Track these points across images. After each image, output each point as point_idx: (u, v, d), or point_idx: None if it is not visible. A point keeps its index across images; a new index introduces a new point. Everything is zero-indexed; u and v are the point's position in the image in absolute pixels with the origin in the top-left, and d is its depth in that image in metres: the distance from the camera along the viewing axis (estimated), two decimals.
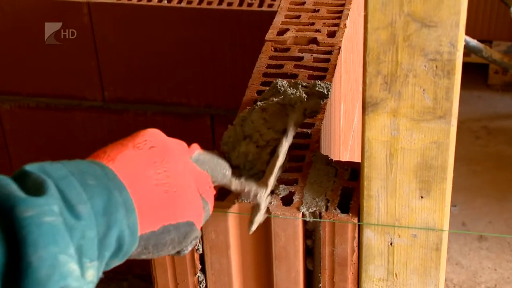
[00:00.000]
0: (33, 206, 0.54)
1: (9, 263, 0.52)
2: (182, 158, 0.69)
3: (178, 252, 0.69)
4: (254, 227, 0.79)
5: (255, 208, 0.79)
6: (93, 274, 0.58)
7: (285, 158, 0.85)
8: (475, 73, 3.02)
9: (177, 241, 0.66)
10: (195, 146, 0.74)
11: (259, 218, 0.79)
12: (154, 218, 0.63)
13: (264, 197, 0.79)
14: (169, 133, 0.71)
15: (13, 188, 0.55)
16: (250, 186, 0.78)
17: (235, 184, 0.77)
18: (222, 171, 0.75)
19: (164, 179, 0.65)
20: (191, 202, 0.67)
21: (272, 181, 0.80)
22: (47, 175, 0.57)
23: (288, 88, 0.97)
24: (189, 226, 0.67)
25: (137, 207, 0.61)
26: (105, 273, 0.61)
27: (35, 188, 0.56)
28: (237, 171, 0.81)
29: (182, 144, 0.72)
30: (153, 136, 0.68)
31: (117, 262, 0.61)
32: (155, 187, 0.64)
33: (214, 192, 0.73)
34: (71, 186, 0.57)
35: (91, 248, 0.57)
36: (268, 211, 0.80)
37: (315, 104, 0.89)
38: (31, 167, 0.58)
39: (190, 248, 0.70)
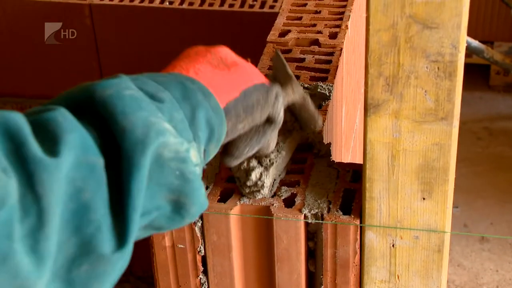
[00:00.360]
0: (111, 85, 0.54)
1: (104, 142, 0.51)
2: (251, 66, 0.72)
3: (271, 121, 0.71)
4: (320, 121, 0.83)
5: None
6: (195, 154, 0.57)
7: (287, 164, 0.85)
8: (476, 74, 3.03)
9: (262, 100, 0.69)
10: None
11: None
12: (231, 87, 0.66)
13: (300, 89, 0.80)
14: None
15: (89, 82, 0.56)
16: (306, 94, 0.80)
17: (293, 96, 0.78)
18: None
19: (229, 70, 0.68)
20: (259, 74, 0.71)
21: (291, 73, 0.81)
22: (118, 77, 0.57)
23: None
24: (265, 86, 0.70)
25: (213, 86, 0.63)
26: None
27: (111, 76, 0.57)
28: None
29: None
30: (222, 50, 0.70)
31: (214, 148, 0.62)
32: (222, 69, 0.67)
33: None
34: (145, 81, 0.58)
35: (184, 129, 0.57)
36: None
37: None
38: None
39: (281, 113, 0.72)
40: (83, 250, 0.49)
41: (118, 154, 0.51)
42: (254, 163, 0.80)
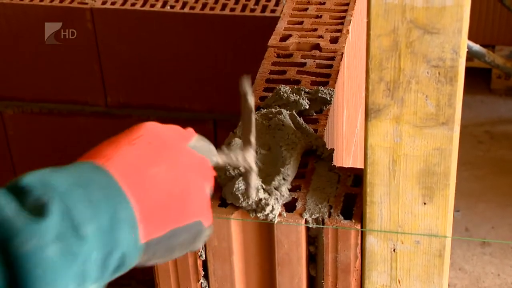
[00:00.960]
0: (33, 236, 0.51)
1: None
2: (181, 147, 0.66)
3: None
4: (253, 193, 0.78)
5: (247, 172, 0.77)
6: None
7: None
8: (478, 78, 3.03)
9: (187, 242, 0.63)
10: (191, 131, 0.71)
11: (255, 181, 0.78)
12: (161, 223, 0.60)
13: (252, 157, 0.76)
14: None
15: (11, 211, 0.52)
16: (235, 153, 0.75)
17: (223, 159, 0.74)
18: (212, 155, 0.72)
19: (167, 176, 0.61)
20: (198, 199, 0.64)
21: (253, 139, 0.76)
22: (50, 189, 0.54)
23: (291, 95, 0.97)
24: (199, 226, 0.64)
25: (142, 215, 0.58)
26: None
27: (36, 208, 0.52)
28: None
29: (179, 130, 0.69)
30: (147, 129, 0.65)
31: (119, 274, 0.59)
32: (159, 190, 0.60)
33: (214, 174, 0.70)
34: (77, 201, 0.54)
35: (94, 270, 0.55)
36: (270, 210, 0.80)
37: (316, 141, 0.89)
38: (32, 180, 0.54)
39: (201, 245, 0.68)
40: None
41: None
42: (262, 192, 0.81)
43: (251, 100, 0.75)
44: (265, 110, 0.93)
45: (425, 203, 0.78)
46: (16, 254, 0.50)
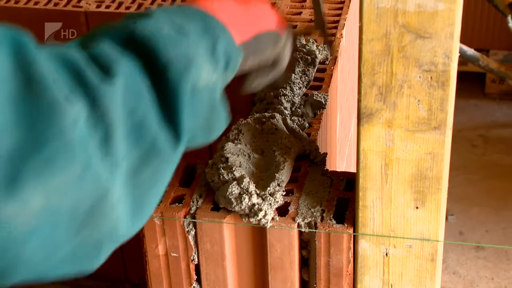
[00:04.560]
0: (148, 23, 0.60)
1: (148, 71, 0.57)
2: None
3: (275, 65, 0.78)
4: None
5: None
6: (219, 84, 0.65)
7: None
8: (472, 82, 3.03)
9: (270, 47, 0.75)
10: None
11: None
12: (245, 30, 0.71)
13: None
14: None
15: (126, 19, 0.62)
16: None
17: None
18: None
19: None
20: (270, 14, 0.76)
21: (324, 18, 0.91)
22: (147, 13, 0.63)
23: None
24: (275, 34, 0.75)
25: (228, 24, 0.67)
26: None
27: (144, 14, 0.62)
28: None
29: None
30: None
31: (229, 78, 0.68)
32: (236, 7, 0.71)
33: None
34: (173, 14, 0.64)
35: (206, 58, 0.62)
36: None
37: (308, 145, 0.90)
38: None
39: (285, 60, 0.79)
40: (143, 160, 0.56)
41: (161, 81, 0.58)
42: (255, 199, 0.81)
43: None
44: (258, 114, 0.93)
45: (417, 207, 0.78)
46: (141, 35, 0.59)
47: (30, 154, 0.47)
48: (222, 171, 0.82)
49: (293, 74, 1.01)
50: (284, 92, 0.98)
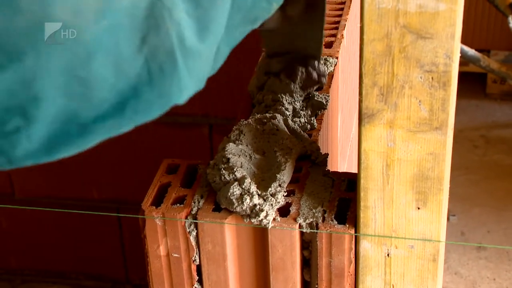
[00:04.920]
0: None
1: None
2: None
3: None
4: None
5: None
6: None
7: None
8: (473, 83, 3.03)
9: None
10: None
11: None
12: None
13: None
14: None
15: None
16: None
17: None
18: None
19: None
20: None
21: None
22: None
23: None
24: None
25: None
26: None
27: None
28: None
29: None
30: None
31: None
32: None
33: None
34: None
35: None
36: None
37: (309, 146, 0.90)
38: None
39: None
40: None
41: None
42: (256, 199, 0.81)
43: None
44: (259, 115, 0.93)
45: (419, 208, 0.78)
46: None
47: None
48: (224, 171, 0.82)
49: (293, 84, 1.00)
50: (284, 96, 0.98)
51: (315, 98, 1.00)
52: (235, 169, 0.82)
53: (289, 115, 0.97)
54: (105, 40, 0.46)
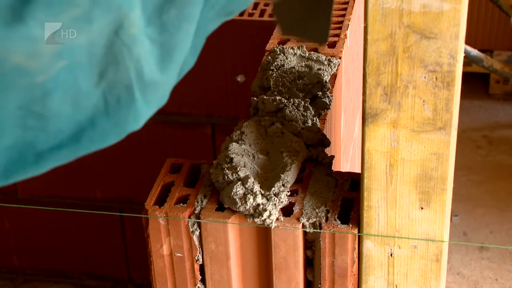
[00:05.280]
0: None
1: None
2: None
3: None
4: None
5: None
6: None
7: None
8: (476, 83, 3.03)
9: None
10: None
11: None
12: None
13: None
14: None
15: None
16: None
17: None
18: None
19: None
20: None
21: None
22: None
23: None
24: None
25: None
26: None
27: None
28: None
29: None
30: None
31: None
32: None
33: None
34: None
35: None
36: None
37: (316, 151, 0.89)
38: None
39: None
40: None
41: None
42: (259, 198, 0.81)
43: None
44: (262, 117, 0.93)
45: (422, 208, 0.78)
46: None
47: None
48: (227, 171, 0.82)
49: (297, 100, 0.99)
50: (286, 103, 0.98)
51: (319, 99, 1.00)
52: (238, 169, 0.82)
53: (293, 117, 0.96)
54: (62, 78, 0.47)
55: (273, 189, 0.81)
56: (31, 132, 0.48)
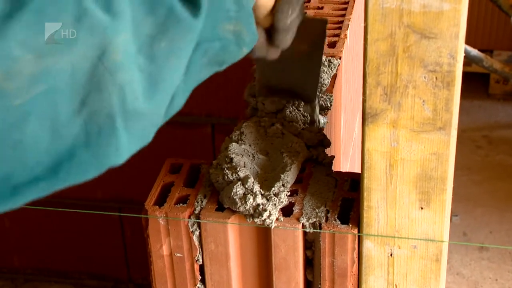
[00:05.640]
0: None
1: None
2: None
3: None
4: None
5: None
6: None
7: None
8: (476, 83, 3.03)
9: None
10: None
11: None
12: None
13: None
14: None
15: None
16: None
17: None
18: None
19: None
20: None
21: None
22: None
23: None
24: None
25: None
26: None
27: None
28: None
29: None
30: None
31: None
32: None
33: None
34: None
35: None
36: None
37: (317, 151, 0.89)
38: None
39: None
40: (160, 31, 0.53)
41: None
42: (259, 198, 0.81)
43: None
44: (262, 118, 0.93)
45: (422, 208, 0.78)
46: None
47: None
48: (227, 171, 0.82)
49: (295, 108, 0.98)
50: (286, 104, 0.97)
51: (320, 99, 1.00)
52: (238, 169, 0.82)
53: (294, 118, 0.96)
54: (40, 103, 0.45)
55: (273, 189, 0.81)
56: (7, 163, 0.46)
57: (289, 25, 0.74)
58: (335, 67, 1.08)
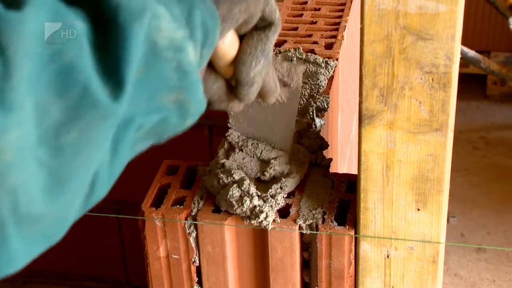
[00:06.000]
0: None
1: (92, 17, 0.47)
2: None
3: (270, 23, 0.68)
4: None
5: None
6: (192, 47, 0.53)
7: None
8: (473, 84, 3.03)
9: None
10: None
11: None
12: None
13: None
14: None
15: None
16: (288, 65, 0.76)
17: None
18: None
19: None
20: None
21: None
22: None
23: None
24: None
25: None
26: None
27: None
28: None
29: None
30: None
31: (207, 53, 0.57)
32: None
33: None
34: None
35: (181, 25, 0.52)
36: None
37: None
38: None
39: (277, 12, 0.68)
40: (70, 117, 0.45)
41: (109, 29, 0.48)
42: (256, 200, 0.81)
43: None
44: None
45: (418, 209, 0.78)
46: None
47: None
48: (221, 175, 0.82)
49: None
50: None
51: (317, 101, 1.00)
52: (232, 172, 0.82)
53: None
54: None
55: (270, 190, 0.81)
56: None
57: (253, 78, 0.66)
58: (332, 69, 1.08)
